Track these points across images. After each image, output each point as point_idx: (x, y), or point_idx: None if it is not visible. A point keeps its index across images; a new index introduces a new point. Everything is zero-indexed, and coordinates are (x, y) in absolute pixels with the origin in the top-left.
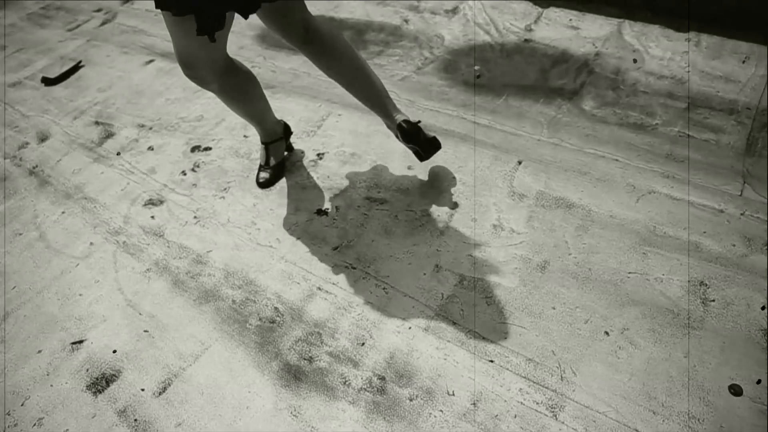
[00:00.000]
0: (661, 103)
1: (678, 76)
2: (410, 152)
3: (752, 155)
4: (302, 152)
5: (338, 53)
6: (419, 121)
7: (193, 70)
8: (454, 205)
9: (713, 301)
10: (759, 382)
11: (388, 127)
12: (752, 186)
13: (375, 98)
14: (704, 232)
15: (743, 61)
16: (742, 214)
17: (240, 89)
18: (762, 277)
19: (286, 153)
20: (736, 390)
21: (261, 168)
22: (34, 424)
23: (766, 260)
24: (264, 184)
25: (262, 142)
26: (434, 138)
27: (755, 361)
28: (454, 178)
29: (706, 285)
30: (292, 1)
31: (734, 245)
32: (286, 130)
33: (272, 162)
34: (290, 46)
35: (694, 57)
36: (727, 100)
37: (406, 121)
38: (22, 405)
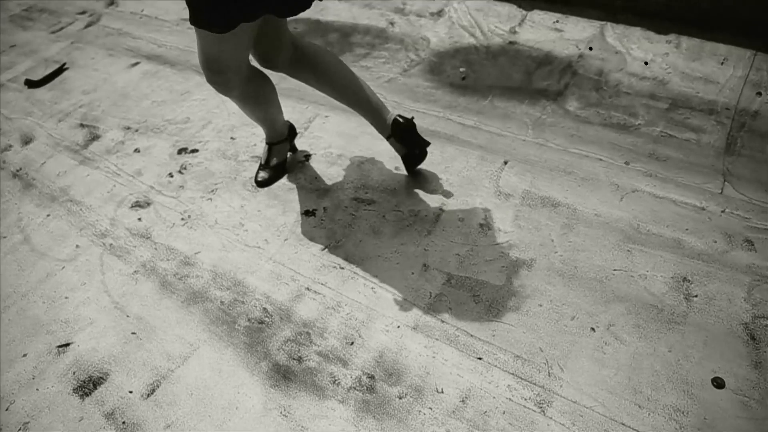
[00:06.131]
0: (644, 104)
1: (659, 78)
2: (398, 155)
3: (732, 154)
4: (295, 153)
5: (325, 64)
6: (413, 117)
7: (219, 75)
8: (441, 205)
9: (696, 296)
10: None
11: (380, 131)
12: (732, 184)
13: (366, 102)
14: (686, 229)
15: (722, 63)
16: (722, 212)
17: (259, 94)
18: (743, 273)
19: (289, 154)
20: (718, 383)
21: (261, 167)
22: (20, 429)
23: (746, 256)
24: (262, 183)
25: (267, 143)
26: (426, 141)
27: (737, 354)
28: (440, 178)
29: (689, 281)
30: (284, 21)
31: (715, 242)
32: (291, 131)
33: (273, 162)
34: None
35: (674, 59)
36: (707, 101)
37: (401, 116)
38: (6, 410)
